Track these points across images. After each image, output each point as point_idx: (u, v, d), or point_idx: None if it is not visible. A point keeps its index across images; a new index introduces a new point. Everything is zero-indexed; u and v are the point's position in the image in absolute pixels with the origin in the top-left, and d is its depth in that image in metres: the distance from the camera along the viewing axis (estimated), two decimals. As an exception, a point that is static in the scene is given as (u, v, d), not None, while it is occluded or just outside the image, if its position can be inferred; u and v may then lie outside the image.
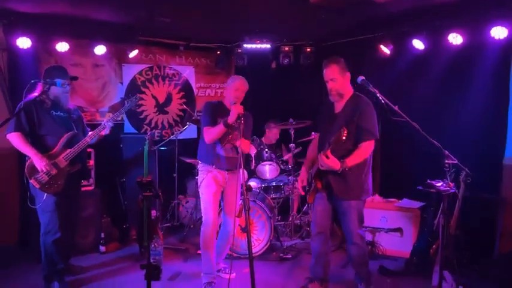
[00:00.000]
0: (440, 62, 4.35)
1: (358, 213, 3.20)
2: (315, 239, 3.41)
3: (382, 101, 2.99)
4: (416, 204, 4.30)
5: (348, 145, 3.02)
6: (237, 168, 3.61)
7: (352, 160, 2.99)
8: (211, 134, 3.51)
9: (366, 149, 3.06)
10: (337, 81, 3.12)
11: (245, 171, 4.42)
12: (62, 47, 4.65)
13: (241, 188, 2.97)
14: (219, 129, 3.45)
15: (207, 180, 3.60)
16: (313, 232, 3.44)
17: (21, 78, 4.32)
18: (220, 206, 3.79)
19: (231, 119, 3.37)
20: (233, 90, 3.55)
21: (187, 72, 6.00)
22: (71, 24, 4.56)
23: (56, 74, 3.39)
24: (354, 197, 3.17)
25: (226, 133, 3.53)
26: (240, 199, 3.37)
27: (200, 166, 3.71)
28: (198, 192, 3.69)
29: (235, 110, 3.33)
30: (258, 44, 5.59)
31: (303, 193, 3.43)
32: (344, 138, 2.78)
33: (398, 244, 4.23)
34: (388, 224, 4.30)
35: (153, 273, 2.47)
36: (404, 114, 2.97)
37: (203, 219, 3.63)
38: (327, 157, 2.90)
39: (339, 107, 3.22)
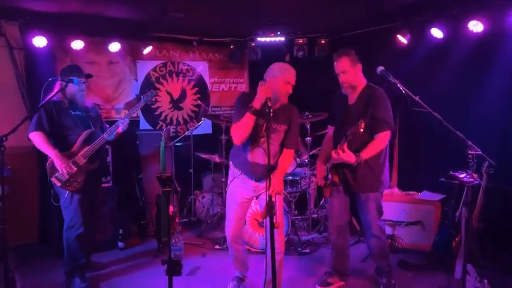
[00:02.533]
0: (461, 50, 4.21)
1: (376, 205, 3.17)
2: (333, 232, 3.40)
3: (403, 92, 2.94)
4: (437, 196, 4.22)
5: (365, 137, 2.96)
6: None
7: (367, 153, 2.93)
8: (237, 130, 2.81)
9: (382, 140, 3.00)
10: (349, 73, 3.05)
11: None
12: (77, 45, 4.66)
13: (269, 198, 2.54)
14: (245, 121, 2.74)
15: (232, 187, 3.13)
16: (331, 226, 3.43)
17: (38, 77, 4.33)
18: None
19: (256, 102, 2.66)
20: (282, 82, 2.81)
21: (201, 68, 5.99)
22: (85, 21, 4.57)
23: (71, 73, 3.40)
24: (371, 189, 3.13)
25: (257, 130, 2.85)
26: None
27: (230, 166, 3.18)
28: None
29: (263, 92, 2.62)
30: (271, 37, 5.52)
31: (322, 183, 3.30)
32: (362, 130, 2.72)
33: (418, 237, 4.16)
34: (408, 217, 4.23)
35: (174, 268, 2.47)
36: (424, 104, 2.90)
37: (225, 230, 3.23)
38: (343, 151, 2.83)
39: (352, 98, 3.17)
